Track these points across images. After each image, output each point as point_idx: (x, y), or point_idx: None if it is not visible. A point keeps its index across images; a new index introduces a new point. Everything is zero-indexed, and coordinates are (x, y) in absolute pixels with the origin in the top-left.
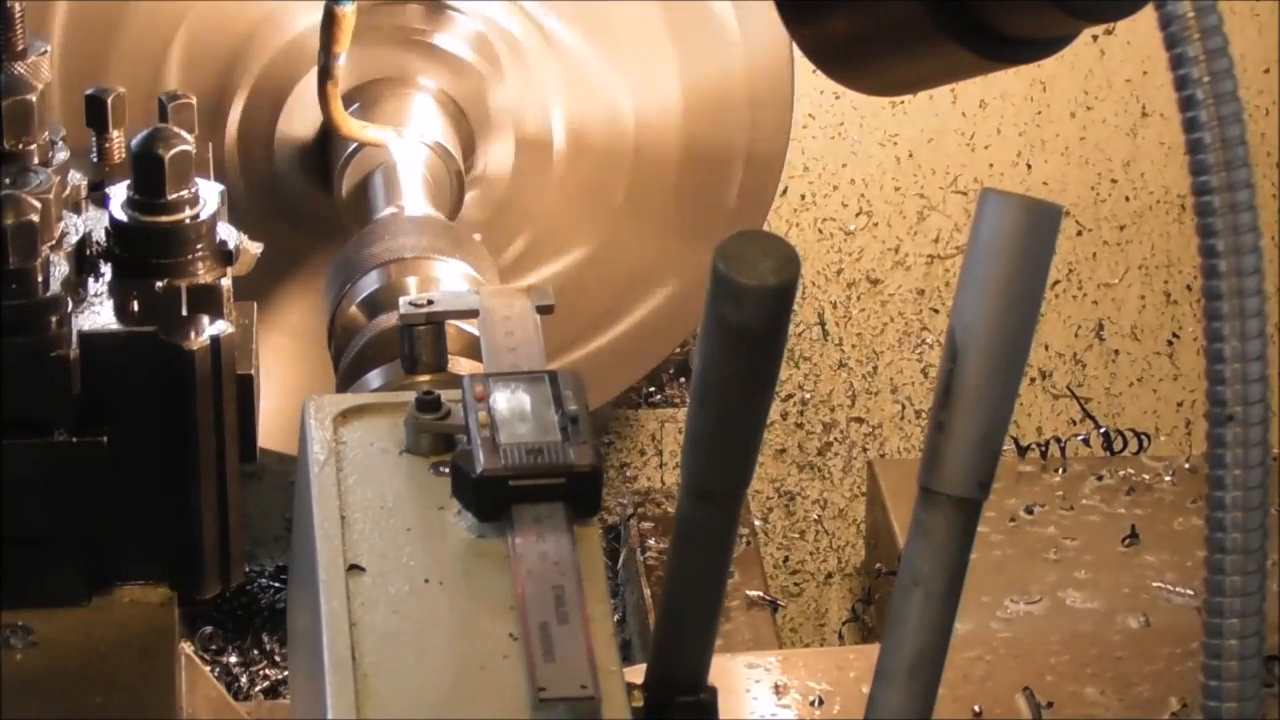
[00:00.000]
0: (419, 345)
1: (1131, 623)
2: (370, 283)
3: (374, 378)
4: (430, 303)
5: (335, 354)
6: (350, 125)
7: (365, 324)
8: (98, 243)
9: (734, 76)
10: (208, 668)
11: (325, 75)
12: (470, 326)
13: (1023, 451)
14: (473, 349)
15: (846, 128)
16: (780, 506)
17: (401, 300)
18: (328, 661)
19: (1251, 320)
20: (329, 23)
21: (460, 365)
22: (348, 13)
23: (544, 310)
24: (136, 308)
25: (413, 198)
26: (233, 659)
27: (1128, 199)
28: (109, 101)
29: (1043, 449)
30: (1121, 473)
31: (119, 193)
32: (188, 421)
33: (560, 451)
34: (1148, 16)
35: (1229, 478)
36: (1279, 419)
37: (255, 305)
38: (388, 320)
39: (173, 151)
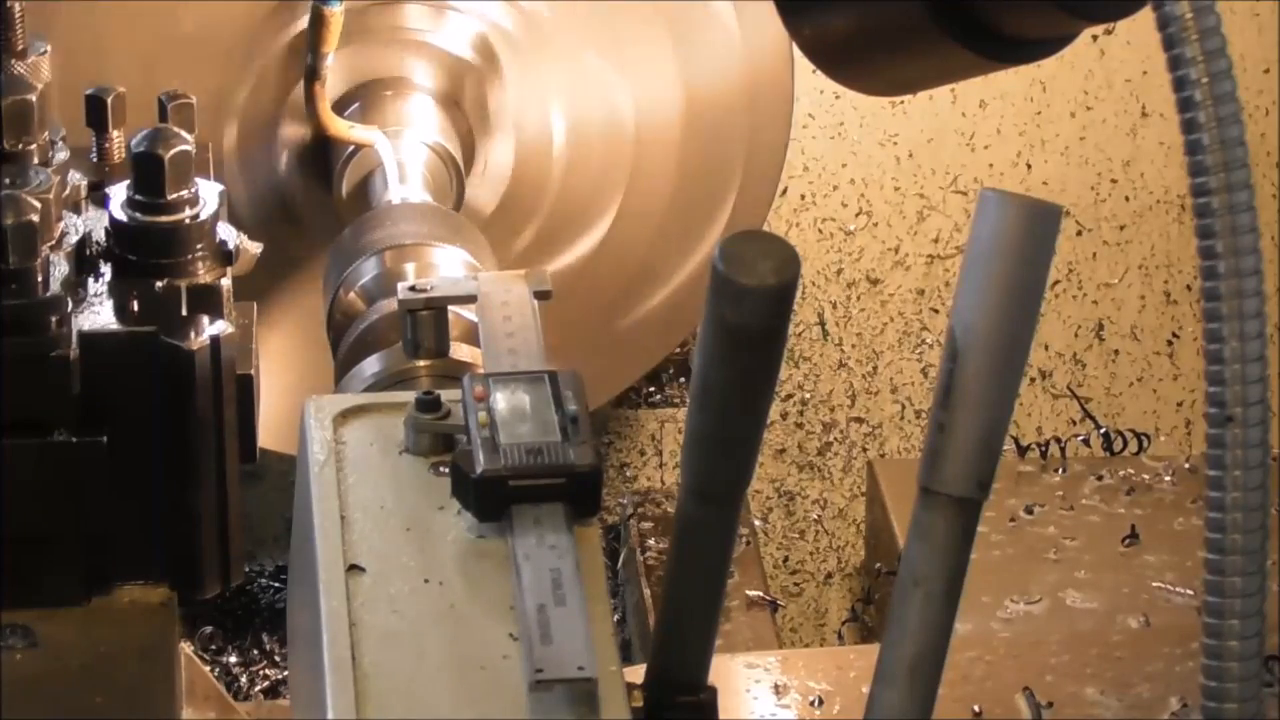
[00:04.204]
0: (421, 330)
1: (1131, 623)
2: (369, 269)
3: (372, 362)
4: (429, 288)
5: (334, 340)
6: (337, 125)
7: (364, 310)
8: (98, 243)
9: (734, 77)
10: (208, 668)
11: (313, 75)
12: (468, 312)
13: (1023, 451)
14: (471, 335)
15: (846, 128)
16: (780, 506)
17: (400, 286)
18: (328, 661)
19: (1251, 321)
20: (317, 23)
21: (460, 351)
22: (336, 13)
23: (542, 296)
24: (136, 308)
25: (412, 190)
26: (233, 659)
27: (1128, 199)
28: (109, 101)
29: (1043, 449)
30: (1121, 473)
31: (119, 193)
32: (188, 421)
33: (560, 451)
34: (1148, 16)
35: (1229, 478)
36: (1279, 419)
37: (255, 305)
38: (387, 306)
39: (173, 151)
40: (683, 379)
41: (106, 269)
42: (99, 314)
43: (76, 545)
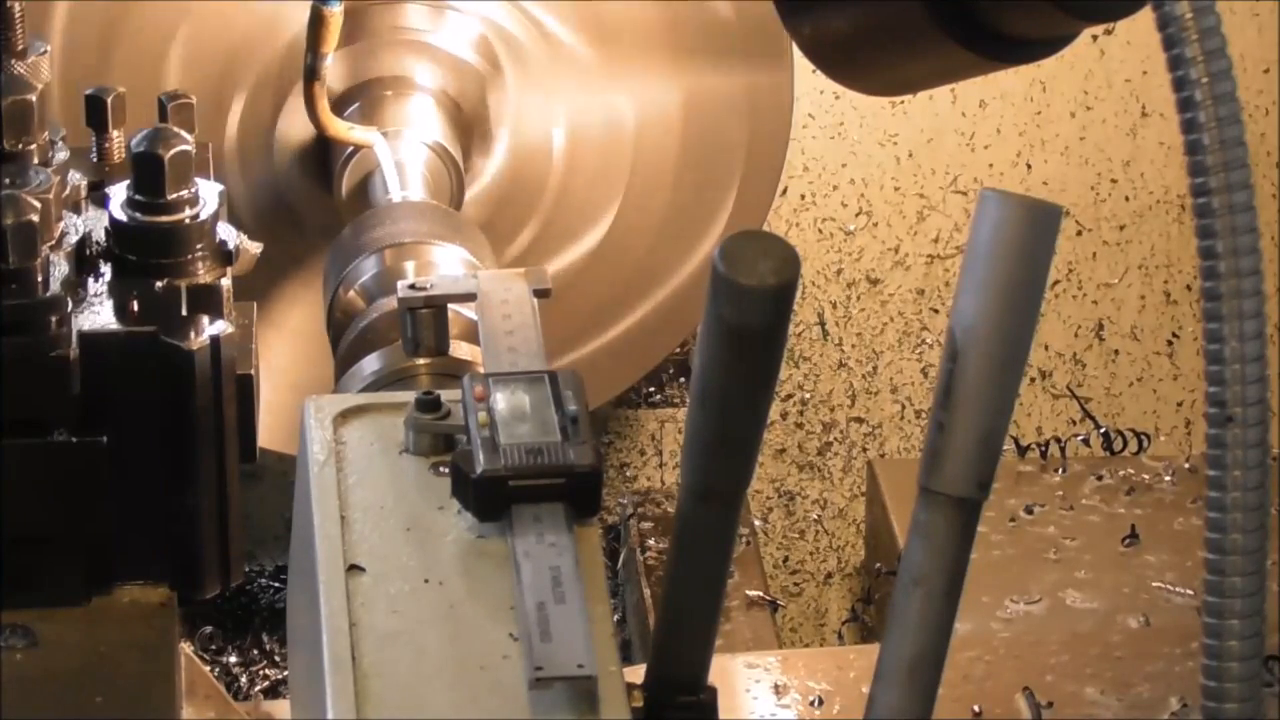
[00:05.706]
0: (421, 328)
1: (1131, 623)
2: (369, 267)
3: (372, 361)
4: (429, 286)
5: (334, 338)
6: (336, 126)
7: (363, 308)
8: (98, 243)
9: (734, 77)
10: (208, 668)
11: (312, 76)
12: (468, 310)
13: (1023, 451)
14: (471, 333)
15: (846, 128)
16: (780, 506)
17: (400, 284)
18: (328, 661)
19: (1250, 321)
20: (316, 23)
21: (460, 349)
22: (335, 13)
23: (541, 294)
24: (136, 308)
25: (412, 191)
26: (233, 659)
27: (1128, 199)
28: (109, 101)
29: (1043, 449)
30: (1121, 473)
31: (119, 193)
32: (188, 421)
33: (560, 451)
34: (1148, 16)
35: (1229, 478)
36: (1279, 419)
37: (255, 305)
38: (387, 304)
39: (173, 151)
40: (683, 379)
41: (106, 269)
42: (99, 314)
43: (76, 545)
